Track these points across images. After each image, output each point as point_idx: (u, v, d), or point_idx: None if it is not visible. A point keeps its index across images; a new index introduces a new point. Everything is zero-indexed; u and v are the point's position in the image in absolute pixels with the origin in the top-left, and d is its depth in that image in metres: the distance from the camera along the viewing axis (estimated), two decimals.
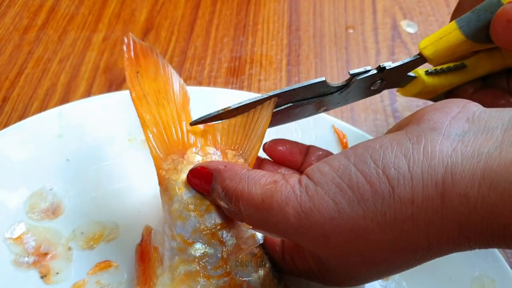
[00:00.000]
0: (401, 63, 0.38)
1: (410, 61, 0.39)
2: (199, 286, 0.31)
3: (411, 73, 0.41)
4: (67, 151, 0.42)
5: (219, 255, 0.32)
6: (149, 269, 0.35)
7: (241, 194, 0.29)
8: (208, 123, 0.36)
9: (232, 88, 0.54)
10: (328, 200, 0.26)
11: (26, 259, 0.37)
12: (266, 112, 0.35)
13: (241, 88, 0.55)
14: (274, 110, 0.36)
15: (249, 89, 0.55)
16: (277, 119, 0.37)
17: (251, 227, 0.32)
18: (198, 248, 0.33)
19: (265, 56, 0.58)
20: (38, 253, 0.38)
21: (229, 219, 0.33)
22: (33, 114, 0.49)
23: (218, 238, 0.33)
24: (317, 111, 0.39)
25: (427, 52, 0.38)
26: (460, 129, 0.26)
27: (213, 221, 0.33)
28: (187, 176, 0.34)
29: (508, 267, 0.39)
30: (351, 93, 0.39)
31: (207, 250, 0.32)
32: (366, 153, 0.27)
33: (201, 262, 0.32)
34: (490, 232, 0.24)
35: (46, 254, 0.38)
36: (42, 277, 0.37)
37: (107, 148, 0.43)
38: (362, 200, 0.26)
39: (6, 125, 0.48)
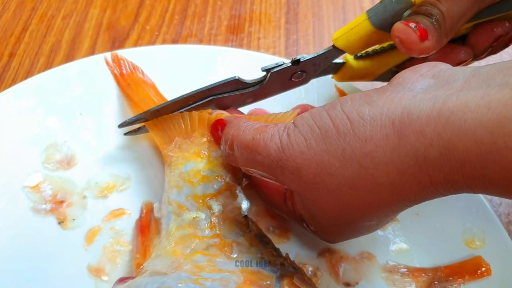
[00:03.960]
0: (315, 55, 0.40)
1: (325, 52, 0.40)
2: (193, 245, 0.34)
3: (339, 60, 0.42)
4: (79, 106, 0.44)
5: (208, 220, 0.36)
6: (148, 240, 0.37)
7: (236, 137, 0.33)
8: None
9: (232, 45, 0.56)
10: (301, 137, 0.30)
11: (44, 206, 0.40)
12: None
13: (240, 45, 0.56)
14: (194, 105, 0.40)
15: (248, 46, 0.56)
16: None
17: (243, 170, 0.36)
18: (191, 213, 0.36)
19: (264, 14, 0.59)
20: (54, 200, 0.40)
21: (218, 192, 0.37)
22: (40, 69, 0.50)
23: (207, 205, 0.37)
24: (243, 102, 0.42)
25: (339, 44, 0.39)
26: (425, 84, 0.28)
27: (204, 191, 0.38)
28: (211, 126, 0.39)
29: (497, 219, 0.42)
30: (272, 87, 0.41)
31: (198, 215, 0.36)
32: (338, 102, 0.30)
33: (193, 226, 0.36)
34: (449, 169, 0.25)
35: (62, 202, 0.40)
36: (59, 223, 0.39)
37: (117, 103, 0.45)
38: (326, 137, 0.29)
39: (14, 80, 0.49)
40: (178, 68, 0.47)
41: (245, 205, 0.37)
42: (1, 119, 0.42)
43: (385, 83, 0.31)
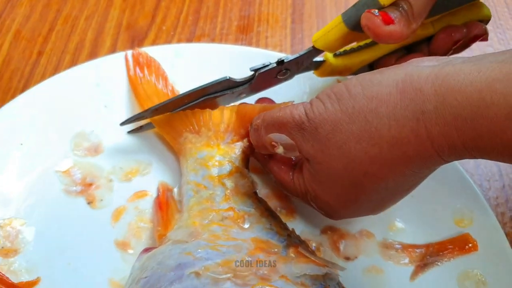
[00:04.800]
0: (298, 55, 0.45)
1: (306, 52, 0.44)
2: (210, 217, 0.39)
3: (319, 58, 0.47)
4: (104, 98, 0.48)
5: (222, 195, 0.41)
6: (168, 215, 0.42)
7: (265, 113, 0.40)
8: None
9: (241, 44, 0.60)
10: (320, 103, 0.35)
11: (74, 188, 0.44)
12: None
13: (250, 44, 0.60)
14: (190, 104, 0.45)
15: (257, 45, 0.61)
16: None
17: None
18: (208, 190, 0.41)
19: (271, 14, 0.64)
20: (84, 183, 0.44)
21: (229, 173, 0.42)
22: (66, 66, 0.55)
23: (222, 183, 0.42)
24: (236, 98, 0.46)
25: (318, 45, 0.43)
26: (431, 63, 0.33)
27: (218, 172, 0.43)
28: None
29: (485, 200, 0.46)
30: (260, 84, 0.45)
31: (214, 191, 0.41)
32: (355, 77, 0.35)
33: (210, 200, 0.40)
34: (443, 122, 0.30)
35: (91, 184, 0.45)
36: (88, 203, 0.44)
37: None
38: (340, 99, 0.34)
39: (43, 76, 0.54)
40: (197, 64, 0.51)
41: (254, 183, 0.42)
42: (34, 111, 0.46)
43: None
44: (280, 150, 0.38)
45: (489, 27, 0.47)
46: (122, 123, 0.45)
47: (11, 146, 0.44)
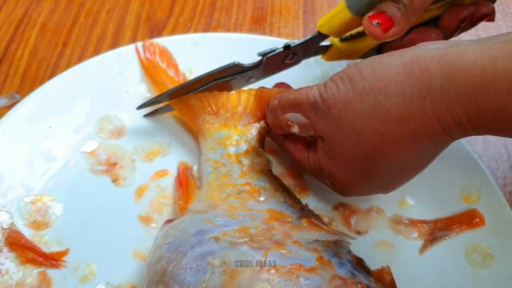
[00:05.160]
0: (304, 40, 0.46)
1: (312, 37, 0.46)
2: (228, 191, 0.41)
3: (326, 42, 0.48)
4: (126, 85, 0.51)
5: (239, 171, 0.43)
6: (189, 190, 0.45)
7: (283, 94, 0.42)
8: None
9: (256, 34, 0.63)
10: (333, 84, 0.37)
11: (100, 167, 0.47)
12: None
13: (263, 34, 0.63)
14: (201, 88, 0.47)
15: (270, 35, 0.63)
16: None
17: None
18: (226, 167, 0.44)
19: (284, 6, 0.66)
20: (108, 163, 0.47)
21: (246, 152, 0.45)
22: (89, 57, 0.57)
23: (239, 161, 0.44)
24: (246, 82, 0.48)
25: (323, 30, 0.45)
26: (437, 45, 0.35)
27: (235, 151, 0.45)
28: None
29: (491, 178, 0.48)
30: (268, 68, 0.47)
31: (232, 168, 0.44)
32: (366, 60, 0.37)
33: (228, 176, 0.43)
34: (448, 99, 0.32)
35: (115, 164, 0.47)
36: (113, 181, 0.46)
37: None
38: (352, 80, 0.36)
39: (68, 65, 0.56)
40: (213, 52, 0.54)
41: (269, 162, 0.44)
42: (61, 97, 0.49)
43: None
44: (295, 129, 0.40)
45: (498, 15, 0.48)
46: (139, 107, 0.48)
47: (41, 129, 0.47)
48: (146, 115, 0.50)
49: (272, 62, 0.47)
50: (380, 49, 0.49)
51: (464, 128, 0.33)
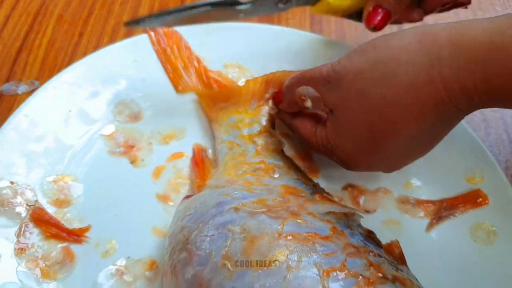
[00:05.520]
0: None
1: None
2: (243, 169, 0.44)
3: None
4: (142, 72, 0.53)
5: (254, 151, 0.46)
6: (205, 169, 0.46)
7: (300, 72, 0.44)
8: None
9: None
10: (346, 58, 0.39)
11: (118, 149, 0.49)
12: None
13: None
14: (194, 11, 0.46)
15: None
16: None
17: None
18: (241, 147, 0.46)
19: None
20: (126, 145, 0.49)
21: (259, 133, 0.47)
22: (105, 46, 0.59)
23: (252, 141, 0.46)
24: (236, 16, 0.48)
25: None
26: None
27: (249, 132, 0.47)
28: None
29: (494, 160, 0.50)
30: (261, 8, 0.49)
31: (246, 147, 0.46)
32: (381, 35, 0.39)
33: (243, 155, 0.45)
34: (456, 67, 0.33)
35: (132, 146, 0.49)
36: (131, 163, 0.48)
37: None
38: (365, 52, 0.38)
39: (84, 53, 0.58)
40: (224, 41, 0.56)
41: (281, 142, 0.46)
42: (80, 83, 0.51)
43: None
44: (308, 103, 0.42)
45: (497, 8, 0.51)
46: (126, 24, 0.45)
47: (61, 112, 0.49)
48: (127, 25, 0.46)
49: (266, 3, 0.49)
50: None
51: (470, 96, 0.34)
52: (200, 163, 0.47)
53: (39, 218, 0.42)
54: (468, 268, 0.45)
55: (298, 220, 0.36)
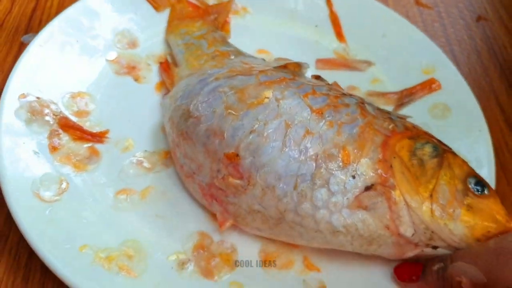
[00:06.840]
0: None
1: None
2: (204, 58, 0.53)
3: None
4: (134, 8, 0.60)
5: (206, 45, 0.55)
6: (172, 71, 0.55)
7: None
8: None
9: None
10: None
11: (122, 70, 0.56)
12: None
13: None
14: None
15: None
16: None
17: None
18: (195, 44, 0.56)
19: None
20: (128, 67, 0.56)
21: (206, 33, 0.57)
22: None
23: (203, 37, 0.57)
24: None
25: None
26: None
27: (198, 34, 0.58)
28: None
29: (445, 55, 0.60)
30: None
31: (199, 43, 0.56)
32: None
33: (200, 49, 0.55)
34: None
35: (134, 67, 0.56)
36: (135, 80, 0.56)
37: None
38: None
39: None
40: None
41: (226, 35, 0.59)
42: (83, 18, 0.57)
43: None
44: None
45: None
46: None
47: (69, 43, 0.55)
48: None
49: None
50: None
51: None
52: (167, 68, 0.56)
53: (65, 124, 0.49)
54: None
55: (267, 74, 0.45)
